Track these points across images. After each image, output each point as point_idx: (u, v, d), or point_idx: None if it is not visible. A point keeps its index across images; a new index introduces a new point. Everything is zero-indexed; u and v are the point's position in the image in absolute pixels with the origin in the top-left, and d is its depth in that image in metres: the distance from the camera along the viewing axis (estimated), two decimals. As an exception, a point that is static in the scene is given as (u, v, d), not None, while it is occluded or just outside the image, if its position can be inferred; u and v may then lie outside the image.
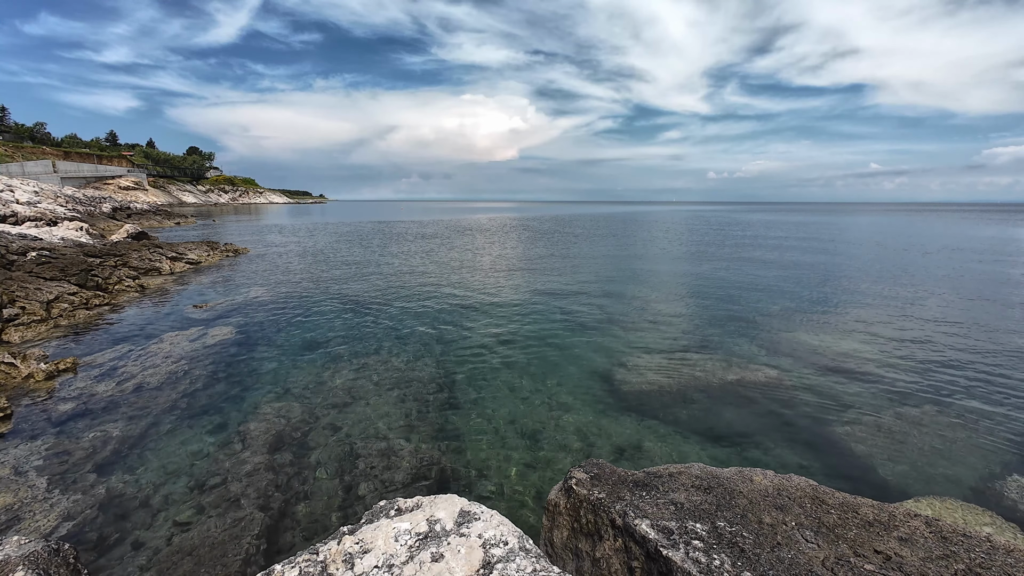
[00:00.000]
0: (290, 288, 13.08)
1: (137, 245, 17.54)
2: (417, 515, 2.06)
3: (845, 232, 38.66)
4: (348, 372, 6.94)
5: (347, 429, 5.29)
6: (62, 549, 2.40)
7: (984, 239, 31.23)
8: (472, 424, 5.51)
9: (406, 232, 35.97)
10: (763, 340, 8.59)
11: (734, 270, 17.16)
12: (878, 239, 31.59)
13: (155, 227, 34.12)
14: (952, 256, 21.61)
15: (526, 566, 1.77)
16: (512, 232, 37.34)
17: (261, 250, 22.30)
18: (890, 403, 6.00)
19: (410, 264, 18.33)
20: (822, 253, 22.81)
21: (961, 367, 7.24)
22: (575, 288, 13.54)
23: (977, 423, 5.47)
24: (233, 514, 3.87)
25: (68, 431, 5.10)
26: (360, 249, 23.65)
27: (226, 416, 5.59)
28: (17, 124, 78.95)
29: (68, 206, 27.35)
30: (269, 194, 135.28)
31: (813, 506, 2.29)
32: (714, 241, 29.68)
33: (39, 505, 3.87)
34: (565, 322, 9.81)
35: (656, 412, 5.79)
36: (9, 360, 6.25)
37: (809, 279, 15.15)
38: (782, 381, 6.65)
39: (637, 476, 2.60)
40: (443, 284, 14.00)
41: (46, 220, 20.23)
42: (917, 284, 14.34)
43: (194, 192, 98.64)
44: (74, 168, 60.29)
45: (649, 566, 2.04)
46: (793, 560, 1.91)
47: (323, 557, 1.85)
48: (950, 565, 1.88)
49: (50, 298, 9.42)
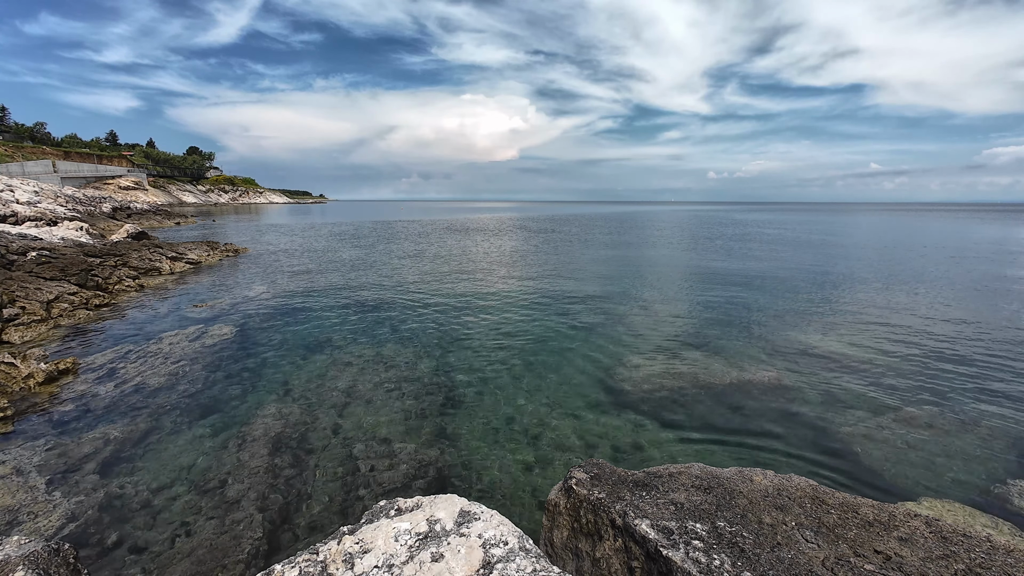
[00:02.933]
0: (290, 288, 13.08)
1: (137, 245, 17.54)
2: (417, 515, 2.06)
3: (845, 232, 38.66)
4: (348, 372, 6.94)
5: (347, 429, 5.29)
6: (62, 549, 2.40)
7: (984, 239, 31.22)
8: (472, 424, 5.51)
9: (406, 232, 35.97)
10: (763, 340, 8.59)
11: (734, 269, 17.16)
12: (878, 239, 31.59)
13: (155, 227, 34.13)
14: (953, 256, 21.61)
15: (526, 566, 1.77)
16: (512, 232, 37.34)
17: (261, 250, 22.31)
18: (891, 403, 6.00)
19: (410, 264, 18.34)
20: (822, 253, 22.81)
21: (962, 367, 7.24)
22: (575, 288, 13.53)
23: (979, 424, 5.47)
24: (233, 514, 3.87)
25: (68, 431, 5.10)
26: (360, 249, 23.64)
27: (226, 416, 5.59)
28: (17, 124, 78.96)
29: (68, 206, 27.35)
30: (269, 194, 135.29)
31: (813, 506, 2.29)
32: (714, 241, 29.68)
33: (39, 505, 3.87)
34: (565, 322, 9.81)
35: (656, 412, 5.79)
36: (9, 360, 6.25)
37: (809, 279, 15.15)
38: (782, 381, 6.65)
39: (637, 476, 2.60)
40: (443, 284, 14.00)
41: (46, 220, 20.23)
42: (918, 284, 14.34)
43: (194, 192, 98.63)
44: (74, 168, 60.28)
45: (649, 566, 2.04)
46: (793, 560, 1.91)
47: (323, 557, 1.85)
48: (950, 565, 1.88)
49: (50, 298, 9.42)
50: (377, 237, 31.11)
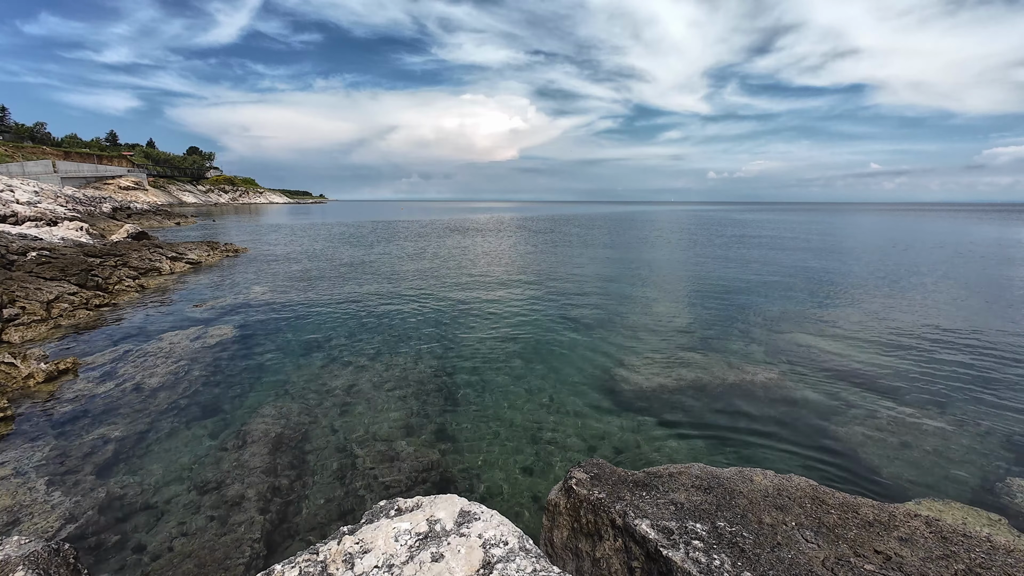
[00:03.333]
0: (290, 288, 13.08)
1: (137, 245, 17.54)
2: (417, 515, 2.06)
3: (845, 232, 38.65)
4: (348, 372, 6.94)
5: (347, 430, 5.29)
6: (62, 549, 2.40)
7: (985, 239, 31.22)
8: (472, 424, 5.51)
9: (406, 232, 35.96)
10: (763, 340, 8.59)
11: (734, 269, 17.16)
12: (878, 239, 31.59)
13: (155, 227, 34.12)
14: (953, 256, 21.61)
15: (526, 566, 1.77)
16: (511, 232, 37.34)
17: (261, 250, 22.30)
18: (891, 403, 6.00)
19: (409, 264, 18.33)
20: (822, 253, 22.81)
21: (962, 367, 7.24)
22: (575, 288, 13.53)
23: (979, 424, 5.47)
24: (233, 515, 3.87)
25: (68, 432, 5.10)
26: (359, 249, 23.64)
27: (226, 417, 5.59)
28: (17, 124, 78.97)
29: (68, 206, 27.36)
30: (269, 194, 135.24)
31: (813, 506, 2.29)
32: (714, 241, 29.68)
33: (39, 506, 3.87)
34: (565, 322, 9.81)
35: (656, 412, 5.79)
36: (9, 360, 6.25)
37: (809, 279, 15.15)
38: (782, 381, 6.65)
39: (637, 476, 2.60)
40: (443, 284, 14.00)
41: (46, 220, 20.23)
42: (919, 284, 14.34)
43: (194, 192, 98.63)
44: (74, 168, 60.28)
45: (649, 566, 2.04)
46: (793, 560, 1.91)
47: (323, 557, 1.85)
48: (950, 565, 1.88)
49: (50, 298, 9.42)
50: (377, 237, 31.11)
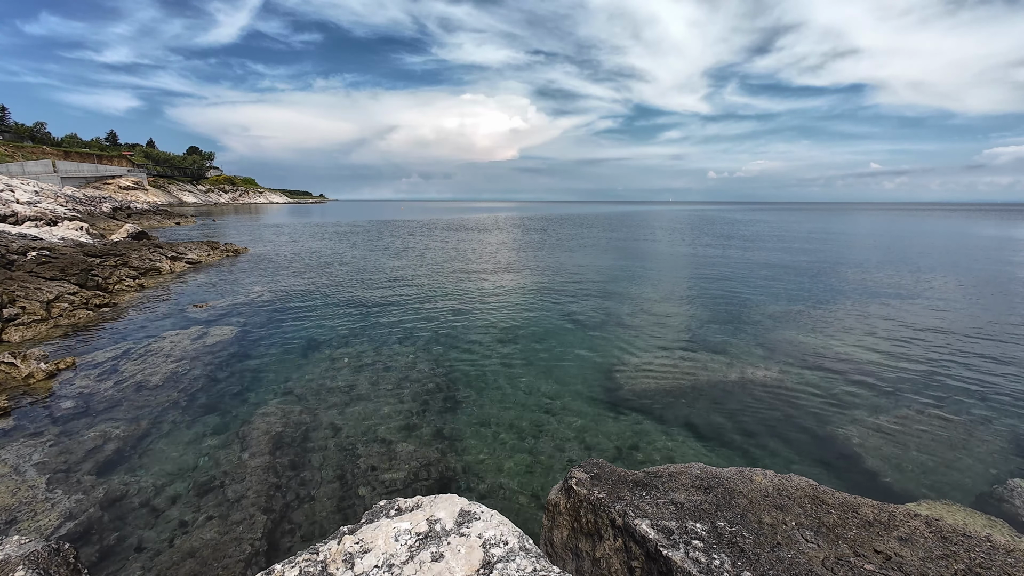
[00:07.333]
0: (290, 287, 13.08)
1: (137, 245, 17.54)
2: (417, 515, 2.06)
3: (845, 231, 38.64)
4: (348, 372, 6.94)
5: (347, 429, 5.29)
6: (62, 549, 2.40)
7: (984, 239, 31.21)
8: (472, 424, 5.51)
9: (406, 232, 35.96)
10: (763, 340, 8.59)
11: (734, 269, 17.16)
12: (878, 238, 31.58)
13: (155, 227, 34.11)
14: (953, 256, 21.61)
15: (526, 566, 1.77)
16: (511, 231, 37.34)
17: (261, 250, 22.30)
18: (891, 403, 6.00)
19: (409, 264, 18.34)
20: (822, 253, 22.81)
21: (964, 368, 7.24)
22: (574, 287, 13.54)
23: (979, 424, 5.47)
24: (233, 514, 3.87)
25: (68, 431, 5.10)
26: (360, 249, 23.64)
27: (226, 416, 5.59)
28: (17, 124, 78.93)
29: (68, 206, 27.35)
30: (269, 194, 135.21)
31: (813, 506, 2.29)
32: (713, 240, 29.68)
33: (39, 505, 3.87)
34: (564, 322, 9.82)
35: (656, 412, 5.79)
36: (9, 360, 6.25)
37: (809, 279, 15.15)
38: (783, 381, 6.65)
39: (637, 476, 2.60)
40: (442, 284, 14.01)
41: (46, 220, 20.23)
42: (919, 284, 14.34)
43: (194, 192, 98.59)
44: (74, 168, 60.25)
45: (649, 566, 2.04)
46: (793, 560, 1.91)
47: (323, 557, 1.85)
48: (950, 565, 1.88)
49: (50, 298, 9.42)
50: (377, 237, 31.11)
